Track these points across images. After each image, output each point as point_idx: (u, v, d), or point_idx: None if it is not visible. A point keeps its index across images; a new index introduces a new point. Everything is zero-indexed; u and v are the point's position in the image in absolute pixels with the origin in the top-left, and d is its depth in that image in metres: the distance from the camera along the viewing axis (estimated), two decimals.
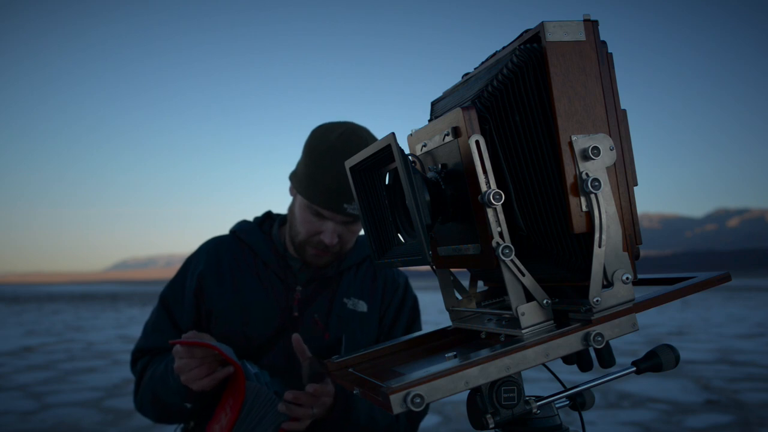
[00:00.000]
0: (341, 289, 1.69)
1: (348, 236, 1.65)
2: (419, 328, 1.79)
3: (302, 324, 1.64)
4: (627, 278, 0.77)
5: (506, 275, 0.76)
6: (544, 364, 0.77)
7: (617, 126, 0.78)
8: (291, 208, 1.70)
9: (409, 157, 0.81)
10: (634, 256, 0.79)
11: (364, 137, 1.61)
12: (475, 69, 0.91)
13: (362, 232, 1.78)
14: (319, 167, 1.58)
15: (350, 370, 0.93)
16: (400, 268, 1.33)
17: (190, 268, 1.73)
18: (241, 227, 1.77)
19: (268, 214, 1.82)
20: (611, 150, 0.77)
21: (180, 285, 1.71)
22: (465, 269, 0.95)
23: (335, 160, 1.56)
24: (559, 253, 0.80)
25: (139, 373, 1.67)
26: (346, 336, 1.65)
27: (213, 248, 1.74)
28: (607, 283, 0.77)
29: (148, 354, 1.69)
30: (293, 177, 1.68)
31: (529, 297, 0.78)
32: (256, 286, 1.66)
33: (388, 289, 1.75)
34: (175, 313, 1.68)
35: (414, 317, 1.79)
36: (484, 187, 0.75)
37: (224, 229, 1.84)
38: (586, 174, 0.75)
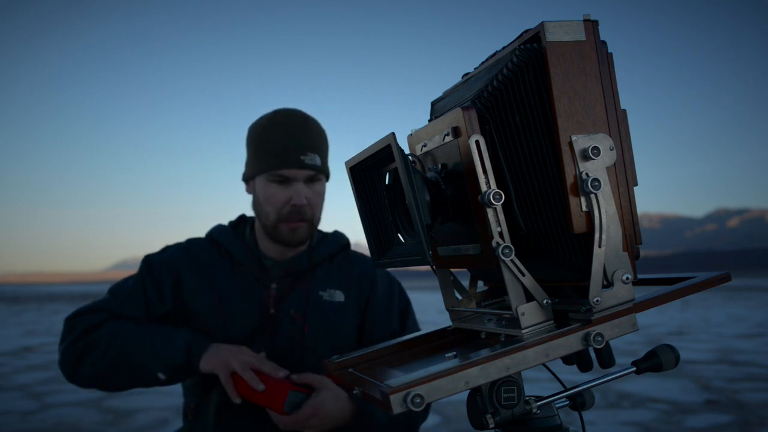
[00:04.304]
0: (315, 283, 1.71)
1: (314, 199, 1.67)
2: (413, 314, 1.81)
3: (279, 320, 1.66)
4: (627, 278, 0.77)
5: (506, 275, 0.76)
6: (544, 364, 0.77)
7: (617, 126, 0.78)
8: (254, 201, 1.72)
9: (409, 157, 0.81)
10: (634, 256, 0.79)
11: (298, 112, 1.69)
12: (475, 69, 0.91)
13: (326, 228, 1.82)
14: (263, 139, 1.66)
15: (350, 370, 0.93)
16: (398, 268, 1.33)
17: (168, 255, 1.72)
18: (215, 230, 1.80)
19: (242, 217, 1.84)
20: (611, 150, 0.77)
21: (158, 269, 1.69)
22: (465, 269, 0.95)
23: (276, 128, 1.65)
24: (559, 253, 0.80)
25: (90, 326, 1.59)
26: (325, 327, 1.67)
27: (190, 246, 1.76)
28: (607, 283, 0.77)
29: (112, 316, 1.63)
30: (245, 171, 1.73)
31: (529, 297, 0.78)
32: (232, 286, 1.68)
33: (365, 277, 1.77)
34: (150, 292, 1.66)
35: (405, 302, 1.81)
36: (484, 187, 0.75)
37: None
38: (586, 174, 0.75)
